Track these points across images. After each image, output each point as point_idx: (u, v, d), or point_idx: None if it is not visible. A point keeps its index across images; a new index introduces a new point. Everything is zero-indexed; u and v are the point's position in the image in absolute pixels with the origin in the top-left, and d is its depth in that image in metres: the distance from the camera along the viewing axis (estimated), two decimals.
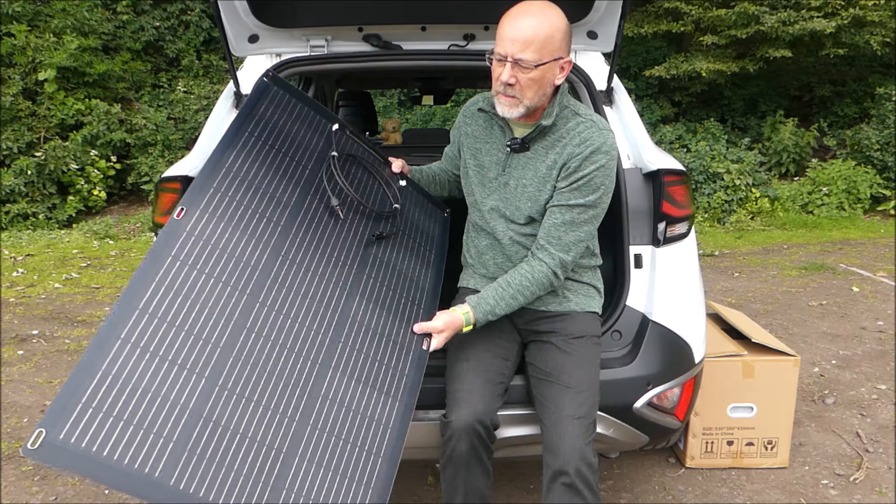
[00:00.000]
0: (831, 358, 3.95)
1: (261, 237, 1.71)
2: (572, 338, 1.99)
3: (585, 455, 1.79)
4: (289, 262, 1.73)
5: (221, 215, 1.66)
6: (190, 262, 1.55)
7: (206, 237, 1.61)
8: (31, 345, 4.23)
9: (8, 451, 2.96)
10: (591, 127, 1.90)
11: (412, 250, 2.09)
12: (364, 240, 1.95)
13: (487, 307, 1.89)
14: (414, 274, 2.03)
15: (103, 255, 6.70)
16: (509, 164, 1.98)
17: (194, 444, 1.38)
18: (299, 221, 1.82)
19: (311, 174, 1.93)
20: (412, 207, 2.19)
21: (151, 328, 1.44)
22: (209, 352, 1.49)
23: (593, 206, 1.90)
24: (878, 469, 2.80)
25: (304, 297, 1.71)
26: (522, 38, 1.76)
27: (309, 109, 2.04)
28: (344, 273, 1.84)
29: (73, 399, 1.29)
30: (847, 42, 8.45)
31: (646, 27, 8.97)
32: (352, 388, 1.68)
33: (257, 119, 1.88)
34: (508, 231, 2.00)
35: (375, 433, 1.66)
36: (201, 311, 1.52)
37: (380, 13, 2.50)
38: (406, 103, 10.37)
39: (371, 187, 2.10)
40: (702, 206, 8.24)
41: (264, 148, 1.85)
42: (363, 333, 1.79)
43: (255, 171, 1.79)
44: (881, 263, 6.13)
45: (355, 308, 1.81)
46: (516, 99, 1.85)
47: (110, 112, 8.65)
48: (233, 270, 1.62)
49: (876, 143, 8.52)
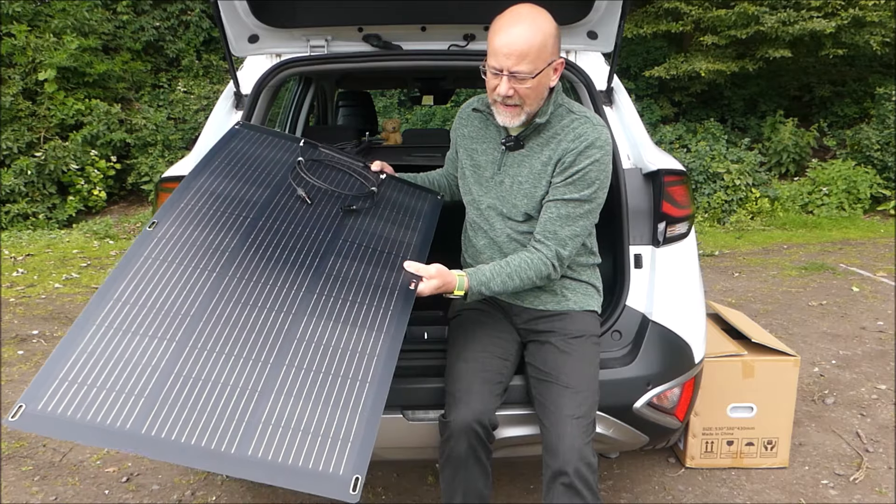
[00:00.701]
0: (831, 358, 3.95)
1: (230, 229, 1.79)
2: (571, 337, 1.99)
3: (585, 455, 1.79)
4: (258, 243, 1.79)
5: (191, 222, 1.77)
6: (161, 258, 1.67)
7: (177, 238, 1.72)
8: (31, 345, 4.23)
9: (8, 451, 2.96)
10: (586, 123, 1.91)
11: (394, 221, 2.09)
12: (339, 216, 1.98)
13: (483, 278, 1.86)
14: (398, 236, 2.02)
15: (103, 255, 6.71)
16: (505, 162, 1.99)
17: (165, 396, 1.44)
18: (270, 213, 1.89)
19: (282, 180, 2.00)
20: (395, 192, 2.20)
21: (125, 311, 1.55)
22: (179, 322, 1.57)
23: (589, 201, 1.90)
24: (878, 469, 2.80)
25: (274, 265, 1.75)
26: (517, 52, 1.76)
27: (279, 139, 2.15)
28: (318, 243, 1.86)
29: (50, 375, 1.40)
30: (847, 42, 8.45)
31: (646, 27, 8.97)
32: (330, 329, 1.67)
33: (227, 152, 2.01)
34: (506, 229, 2.00)
35: (360, 363, 1.63)
36: (171, 292, 1.62)
37: (380, 13, 2.50)
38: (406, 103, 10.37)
39: (346, 182, 2.15)
40: (702, 206, 8.24)
41: (234, 168, 1.98)
42: (341, 282, 1.78)
43: (224, 186, 1.91)
44: (881, 263, 6.13)
45: (330, 266, 1.81)
46: (518, 108, 1.86)
47: (110, 112, 8.65)
48: (203, 256, 1.70)
49: (876, 143, 8.51)
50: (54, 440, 3.05)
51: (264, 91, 2.50)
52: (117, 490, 2.68)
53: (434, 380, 1.98)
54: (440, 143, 2.38)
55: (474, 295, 1.86)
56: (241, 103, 2.49)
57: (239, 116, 2.45)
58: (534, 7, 1.82)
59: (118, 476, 2.78)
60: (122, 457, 2.91)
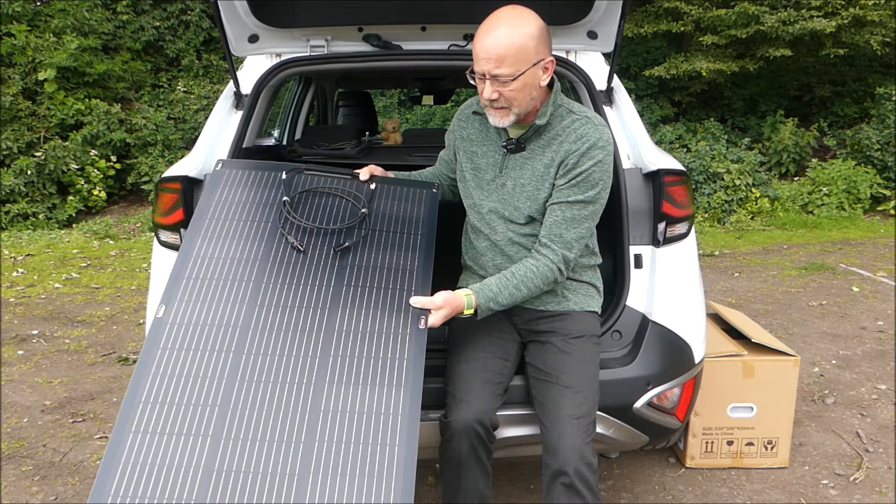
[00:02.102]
0: (831, 358, 3.95)
1: (236, 299, 1.82)
2: (571, 337, 1.99)
3: (585, 455, 1.79)
4: (265, 309, 1.82)
5: (196, 299, 1.81)
6: (177, 347, 1.73)
7: (187, 321, 1.77)
8: (31, 345, 4.23)
9: (8, 451, 2.96)
10: (587, 123, 1.90)
11: (393, 243, 2.05)
12: (335, 258, 1.95)
13: (490, 293, 1.86)
14: (399, 263, 1.99)
15: (103, 255, 6.71)
16: (506, 164, 1.98)
17: (212, 497, 1.52)
18: (269, 270, 1.89)
19: (273, 226, 2.00)
20: (389, 202, 2.15)
21: (156, 413, 1.62)
22: (209, 414, 1.64)
23: (593, 202, 1.90)
24: (878, 469, 2.80)
25: (286, 332, 1.78)
26: (495, 56, 1.77)
27: (262, 171, 2.12)
28: (322, 294, 1.87)
29: (102, 493, 1.50)
30: (847, 42, 8.45)
31: (646, 27, 8.97)
32: (351, 394, 1.69)
33: (216, 204, 2.02)
34: (508, 232, 2.00)
35: (386, 426, 1.65)
36: (194, 383, 1.68)
37: (380, 13, 2.50)
38: (406, 103, 10.37)
39: (337, 208, 2.09)
40: (702, 206, 8.24)
41: (225, 224, 1.98)
42: (352, 339, 1.79)
43: (219, 249, 1.92)
44: (881, 263, 6.13)
45: (339, 321, 1.82)
46: (505, 109, 1.86)
47: (110, 112, 8.65)
48: (216, 338, 1.75)
49: (876, 143, 8.51)
50: (54, 440, 3.05)
51: (264, 91, 2.50)
52: None
53: (434, 380, 1.98)
54: (440, 144, 2.38)
55: (484, 312, 1.87)
56: (241, 103, 2.49)
57: (239, 116, 2.45)
58: (516, 8, 1.81)
59: None
60: None
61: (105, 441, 3.04)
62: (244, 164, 2.17)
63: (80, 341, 4.29)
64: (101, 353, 4.08)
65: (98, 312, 4.87)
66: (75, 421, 3.23)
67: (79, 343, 4.26)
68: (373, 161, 3.15)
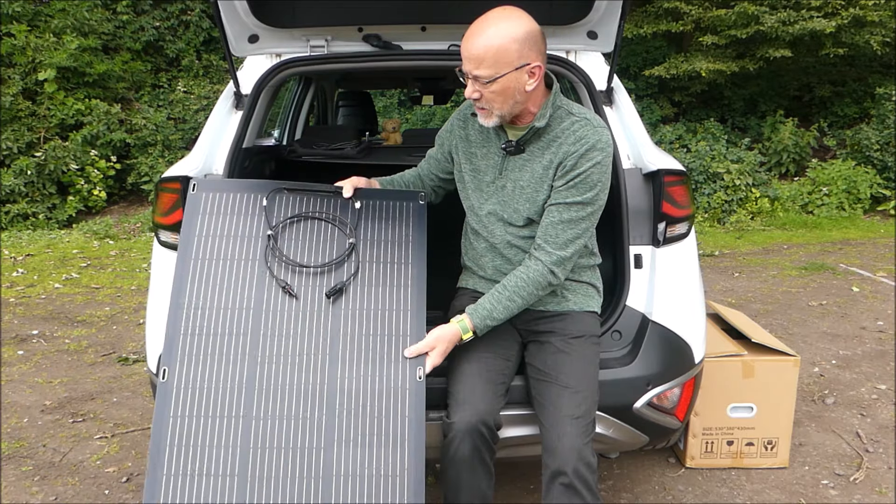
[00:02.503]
0: (831, 358, 3.95)
1: (235, 355, 1.84)
2: (571, 338, 1.99)
3: (584, 455, 1.79)
4: (266, 365, 1.84)
5: (195, 361, 1.83)
6: (186, 415, 1.78)
7: (190, 387, 1.80)
8: (31, 345, 4.23)
9: (8, 451, 2.96)
10: (587, 125, 1.90)
11: (384, 277, 1.99)
12: (328, 305, 1.92)
13: (484, 312, 1.89)
14: (392, 303, 1.95)
15: (103, 255, 6.71)
16: (506, 166, 1.98)
17: None
18: (263, 320, 1.88)
19: (260, 265, 1.95)
20: (375, 223, 2.06)
21: (179, 486, 1.70)
22: (229, 486, 1.71)
23: (591, 203, 1.90)
24: (878, 469, 2.80)
25: (290, 392, 1.81)
26: (474, 56, 1.77)
27: (241, 194, 2.03)
28: (319, 346, 1.87)
29: None
30: (847, 42, 8.45)
31: (646, 27, 8.96)
32: (359, 456, 1.75)
33: (198, 239, 1.95)
34: (506, 235, 2.00)
35: (394, 490, 1.72)
36: (211, 453, 1.74)
37: (380, 13, 2.50)
38: (406, 103, 10.36)
39: (324, 235, 2.03)
40: (702, 206, 8.24)
41: (213, 265, 1.93)
42: (354, 398, 1.81)
43: (209, 298, 1.90)
44: (881, 263, 6.13)
45: (340, 378, 1.84)
46: (486, 110, 1.87)
47: (110, 112, 8.65)
48: (223, 402, 1.79)
49: (876, 143, 8.51)
50: (54, 440, 3.05)
51: (264, 91, 2.50)
52: (117, 490, 2.68)
53: (436, 380, 1.98)
54: None
55: (484, 329, 1.91)
56: (241, 103, 2.49)
57: (239, 116, 2.45)
58: (505, 10, 1.80)
59: (118, 476, 2.78)
60: (122, 457, 2.91)
61: (104, 441, 3.04)
62: (221, 185, 2.09)
63: (80, 341, 4.29)
64: (101, 353, 4.08)
65: (98, 312, 4.87)
66: (75, 421, 3.23)
67: (79, 343, 4.26)
68: (373, 161, 3.17)
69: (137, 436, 3.09)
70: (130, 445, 3.01)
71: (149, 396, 3.42)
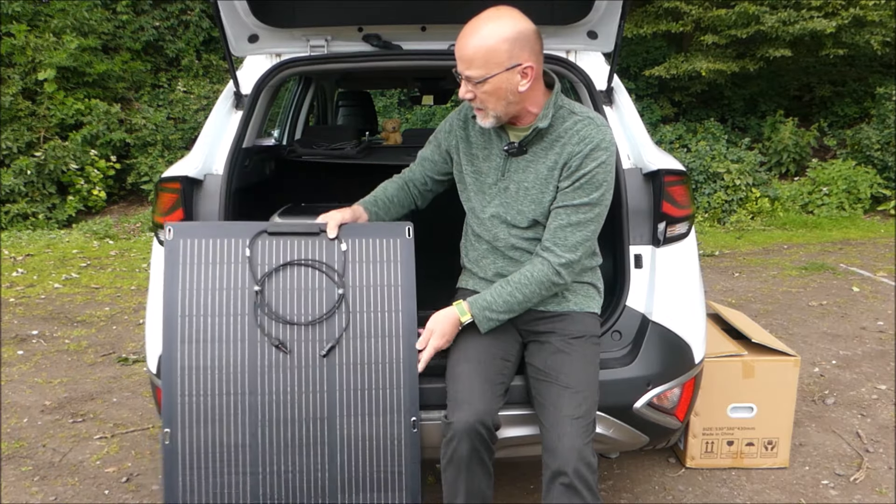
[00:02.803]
0: (831, 358, 3.95)
1: (235, 416, 1.86)
2: (571, 338, 1.98)
3: (584, 455, 1.79)
4: (266, 425, 1.86)
5: (197, 418, 1.86)
6: (196, 477, 1.84)
7: (195, 445, 1.85)
8: (31, 345, 4.23)
9: (8, 451, 2.96)
10: (590, 125, 1.90)
11: (375, 328, 1.94)
12: (322, 362, 1.91)
13: (483, 302, 1.91)
14: (384, 355, 1.93)
15: (103, 255, 6.70)
16: (508, 168, 1.97)
17: None
18: (259, 378, 1.88)
19: (251, 320, 1.90)
20: (363, 266, 1.97)
21: None
22: None
23: (598, 204, 1.90)
24: (878, 469, 2.80)
25: (292, 447, 1.87)
26: (465, 57, 1.78)
27: (221, 241, 1.94)
28: (317, 402, 1.89)
29: None
30: (847, 42, 8.45)
31: (646, 27, 8.97)
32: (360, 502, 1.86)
33: (181, 294, 1.88)
34: (510, 238, 1.99)
35: None
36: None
37: (380, 13, 2.50)
38: (406, 103, 10.36)
39: (312, 282, 1.95)
40: (702, 206, 8.24)
41: (201, 322, 1.88)
42: (353, 450, 1.88)
43: (203, 355, 1.88)
44: (881, 263, 6.13)
45: (339, 431, 1.88)
46: (482, 110, 1.87)
47: (110, 112, 8.65)
48: (229, 461, 1.85)
49: (876, 143, 8.52)
50: (54, 440, 3.05)
51: (264, 91, 2.50)
52: (117, 490, 2.68)
53: (435, 380, 1.98)
54: None
55: (483, 321, 1.92)
56: (241, 103, 2.49)
57: (239, 116, 2.45)
58: (499, 10, 1.79)
59: (118, 476, 2.77)
60: (122, 457, 2.91)
61: (104, 441, 3.04)
62: (198, 229, 1.98)
63: (80, 341, 4.29)
64: (101, 353, 4.08)
65: (98, 312, 4.87)
66: (75, 421, 3.23)
67: (79, 343, 4.26)
68: (373, 161, 3.17)
69: (137, 436, 3.09)
70: (130, 445, 3.01)
71: (148, 396, 3.42)
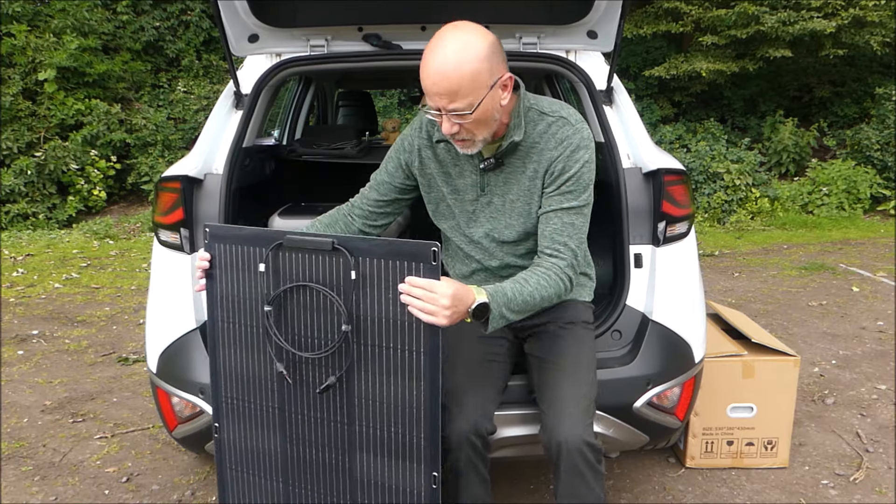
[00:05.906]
0: (831, 358, 3.95)
1: (266, 427, 1.87)
2: (564, 322, 1.98)
3: (585, 435, 1.77)
4: (295, 443, 1.85)
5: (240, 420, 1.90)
6: (240, 471, 1.93)
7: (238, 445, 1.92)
8: (31, 345, 4.23)
9: (8, 451, 2.96)
10: (564, 125, 1.83)
11: (393, 364, 1.68)
12: (330, 392, 1.77)
13: (504, 298, 1.68)
14: (403, 396, 1.70)
15: (103, 255, 6.71)
16: (487, 183, 1.90)
17: None
18: (287, 395, 1.81)
19: (266, 338, 1.79)
20: (379, 292, 1.66)
21: None
22: None
23: (588, 203, 1.87)
24: (878, 469, 2.80)
25: (315, 469, 1.85)
26: (447, 91, 1.62)
27: (243, 247, 1.77)
28: (338, 431, 1.79)
29: None
30: (847, 42, 8.45)
31: (645, 27, 8.97)
32: None
33: (220, 299, 1.82)
34: (505, 257, 1.95)
35: None
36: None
37: (380, 13, 2.50)
38: (406, 103, 10.36)
39: (321, 311, 1.73)
40: (702, 206, 8.24)
41: (233, 333, 1.83)
42: (372, 490, 1.79)
43: (237, 358, 1.85)
44: (881, 263, 6.13)
45: (359, 466, 1.79)
46: (470, 140, 1.75)
47: (110, 112, 8.65)
48: (264, 464, 1.90)
49: (876, 143, 8.52)
50: (54, 440, 3.05)
51: (264, 91, 2.50)
52: (117, 490, 2.68)
53: None
54: None
55: (496, 318, 1.68)
56: (241, 103, 2.49)
57: (239, 116, 2.45)
58: (459, 29, 1.66)
59: (118, 476, 2.78)
60: (122, 457, 2.91)
61: (105, 441, 3.04)
62: (229, 233, 1.79)
63: (80, 341, 4.29)
64: (101, 353, 4.08)
65: (98, 312, 4.87)
66: (75, 421, 3.23)
67: (79, 343, 4.26)
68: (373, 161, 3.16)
69: (137, 436, 3.09)
70: (130, 445, 3.01)
71: (149, 396, 3.42)
